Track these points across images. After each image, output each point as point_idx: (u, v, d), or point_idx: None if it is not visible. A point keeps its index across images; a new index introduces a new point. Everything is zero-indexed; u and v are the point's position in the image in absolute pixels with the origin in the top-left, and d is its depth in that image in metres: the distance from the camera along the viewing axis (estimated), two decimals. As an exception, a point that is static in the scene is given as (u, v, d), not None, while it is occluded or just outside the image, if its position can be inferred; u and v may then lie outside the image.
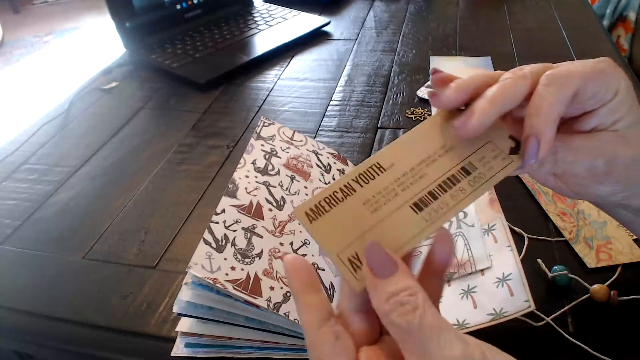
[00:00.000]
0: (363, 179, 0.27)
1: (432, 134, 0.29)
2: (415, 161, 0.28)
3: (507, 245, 0.39)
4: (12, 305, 0.45)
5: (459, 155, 0.28)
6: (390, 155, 0.28)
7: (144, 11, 0.89)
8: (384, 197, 0.26)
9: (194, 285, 0.35)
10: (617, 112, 0.29)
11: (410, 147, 0.28)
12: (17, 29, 3.43)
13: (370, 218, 0.26)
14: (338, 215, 0.26)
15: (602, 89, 0.29)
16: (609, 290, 0.40)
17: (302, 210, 0.25)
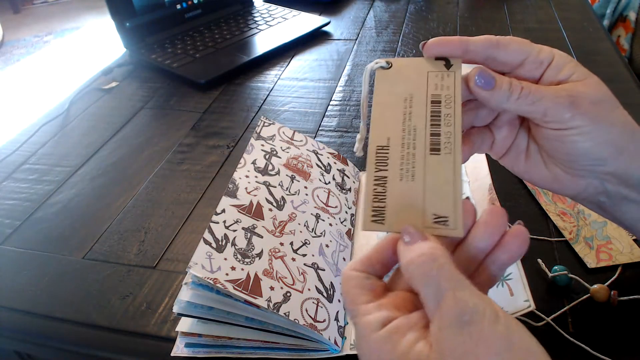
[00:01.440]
0: (382, 164, 0.30)
1: (391, 98, 0.32)
2: (400, 124, 0.31)
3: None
4: (12, 305, 0.45)
5: (421, 96, 0.32)
6: (379, 134, 0.31)
7: (144, 11, 0.89)
8: (408, 163, 0.30)
9: (194, 285, 0.35)
10: (562, 68, 0.32)
11: (386, 117, 0.32)
12: (17, 29, 3.44)
13: (416, 185, 0.30)
14: (394, 202, 0.29)
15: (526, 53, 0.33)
16: (609, 290, 0.40)
17: (366, 224, 0.29)
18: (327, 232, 0.45)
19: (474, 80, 0.32)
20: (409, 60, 0.33)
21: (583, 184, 0.34)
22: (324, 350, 0.37)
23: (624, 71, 0.74)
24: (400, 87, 0.32)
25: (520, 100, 0.31)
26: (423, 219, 0.29)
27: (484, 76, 0.32)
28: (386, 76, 0.32)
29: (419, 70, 0.32)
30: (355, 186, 0.53)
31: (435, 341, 0.23)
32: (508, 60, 0.33)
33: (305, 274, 0.40)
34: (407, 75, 0.32)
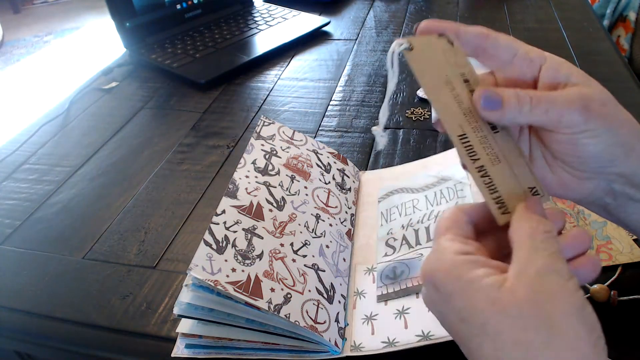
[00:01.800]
0: (472, 153, 0.31)
1: (434, 82, 0.32)
2: (458, 108, 0.32)
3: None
4: (12, 305, 0.45)
5: (454, 76, 0.32)
6: (451, 122, 0.31)
7: (144, 11, 0.89)
8: (488, 147, 0.32)
9: (195, 287, 0.35)
10: (559, 69, 0.33)
11: (445, 104, 0.31)
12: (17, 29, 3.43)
13: (503, 165, 0.32)
14: (503, 188, 0.31)
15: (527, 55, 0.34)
16: (609, 290, 0.40)
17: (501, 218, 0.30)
18: (327, 233, 0.45)
19: (480, 105, 0.31)
20: (423, 39, 0.32)
21: (590, 187, 0.34)
22: (324, 351, 0.37)
23: (624, 71, 0.74)
24: (434, 69, 0.32)
25: (533, 112, 0.31)
26: (526, 196, 0.31)
27: (489, 98, 0.31)
28: (415, 58, 0.31)
29: (436, 49, 0.32)
30: (355, 186, 0.53)
31: (511, 276, 0.24)
32: (496, 54, 0.33)
33: (305, 275, 0.40)
34: (430, 56, 0.32)
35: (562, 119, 0.31)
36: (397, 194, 0.51)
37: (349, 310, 0.40)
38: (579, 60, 0.78)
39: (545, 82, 0.33)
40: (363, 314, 0.40)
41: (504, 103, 0.31)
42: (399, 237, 0.45)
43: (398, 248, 0.44)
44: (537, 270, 0.24)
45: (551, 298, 0.23)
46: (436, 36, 0.32)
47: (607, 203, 0.35)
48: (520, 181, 0.32)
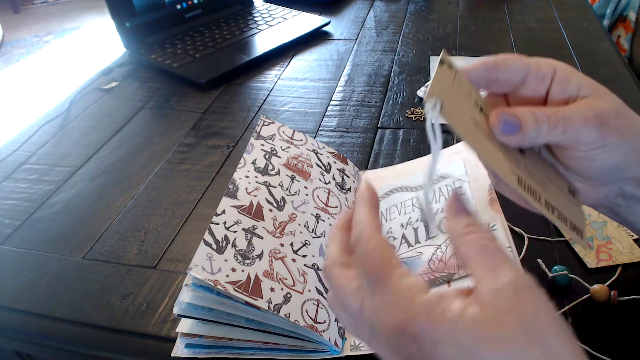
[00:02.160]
0: (532, 192, 0.30)
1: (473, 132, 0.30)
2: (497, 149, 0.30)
3: (506, 246, 0.39)
4: (12, 305, 0.45)
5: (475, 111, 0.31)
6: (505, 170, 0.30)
7: (144, 11, 0.89)
8: (534, 177, 0.31)
9: (195, 287, 0.35)
10: (569, 81, 0.32)
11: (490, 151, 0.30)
12: (17, 29, 3.43)
13: (552, 188, 0.32)
14: (568, 213, 0.31)
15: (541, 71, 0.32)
16: (609, 290, 0.40)
17: (584, 245, 0.31)
18: (327, 233, 0.45)
19: (499, 130, 0.30)
20: (439, 80, 0.29)
21: (603, 193, 0.34)
22: (324, 351, 0.37)
23: (624, 71, 0.74)
24: (462, 113, 0.29)
25: (551, 132, 0.30)
26: (575, 203, 0.32)
27: (507, 122, 0.30)
28: (449, 114, 0.28)
29: (450, 86, 0.30)
30: (355, 186, 0.53)
31: (489, 304, 0.22)
32: (510, 79, 0.32)
33: (305, 275, 0.40)
34: (452, 97, 0.29)
35: (580, 136, 0.30)
36: (396, 193, 0.51)
37: (348, 310, 0.40)
38: (579, 60, 0.78)
39: (556, 97, 0.32)
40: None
41: (523, 125, 0.30)
42: (398, 236, 0.45)
43: (397, 247, 0.44)
44: (506, 288, 0.22)
45: (534, 310, 0.22)
46: (439, 66, 0.30)
47: (617, 204, 0.35)
48: (563, 191, 0.32)
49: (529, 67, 0.32)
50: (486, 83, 0.33)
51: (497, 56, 0.32)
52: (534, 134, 0.30)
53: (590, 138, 0.30)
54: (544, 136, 0.30)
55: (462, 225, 0.25)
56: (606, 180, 0.33)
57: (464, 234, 0.25)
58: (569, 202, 0.32)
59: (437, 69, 0.29)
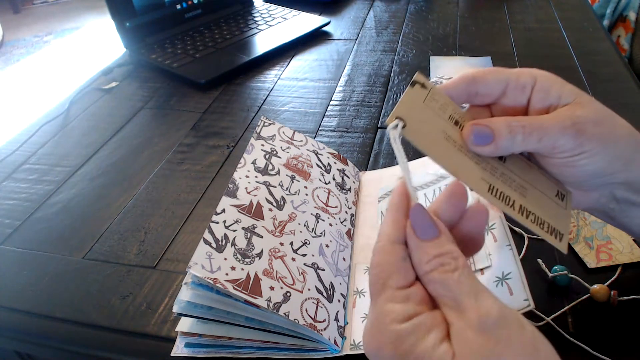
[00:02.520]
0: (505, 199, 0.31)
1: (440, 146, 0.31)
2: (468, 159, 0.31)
3: (506, 244, 0.39)
4: (12, 305, 0.45)
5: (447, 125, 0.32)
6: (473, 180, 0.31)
7: (144, 11, 0.89)
8: (511, 182, 0.32)
9: (194, 285, 0.35)
10: (549, 90, 0.32)
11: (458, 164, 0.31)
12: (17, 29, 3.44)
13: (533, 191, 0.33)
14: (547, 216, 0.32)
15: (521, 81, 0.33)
16: (609, 290, 0.40)
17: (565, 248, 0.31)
18: (327, 232, 0.45)
19: (470, 141, 0.31)
20: (406, 104, 0.30)
21: (594, 197, 0.34)
22: (323, 350, 0.37)
23: (624, 71, 0.74)
24: (432, 132, 0.30)
25: (526, 141, 0.31)
26: (561, 207, 0.32)
27: (479, 133, 0.31)
28: (413, 133, 0.29)
29: (420, 106, 0.31)
30: (355, 186, 0.53)
31: (457, 344, 0.22)
32: (490, 92, 0.33)
33: (305, 274, 0.40)
34: (421, 118, 0.30)
35: (556, 144, 0.31)
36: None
37: (348, 309, 0.40)
38: (579, 60, 0.78)
39: (537, 106, 0.33)
40: (363, 313, 0.40)
41: (495, 135, 0.30)
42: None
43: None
44: (474, 327, 0.22)
45: (501, 352, 0.21)
46: (410, 88, 0.31)
47: (610, 209, 0.35)
48: (548, 196, 0.32)
49: (508, 79, 0.33)
50: (467, 97, 0.33)
51: (475, 71, 0.33)
52: (507, 144, 0.31)
53: (567, 146, 0.31)
54: (519, 145, 0.31)
55: (427, 259, 0.24)
56: (593, 185, 0.33)
57: (427, 271, 0.24)
58: (552, 206, 0.32)
59: (406, 91, 0.31)
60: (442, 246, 0.25)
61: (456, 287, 0.23)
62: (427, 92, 0.31)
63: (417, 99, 0.31)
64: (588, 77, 0.72)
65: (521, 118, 0.31)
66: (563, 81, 0.33)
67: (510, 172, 0.32)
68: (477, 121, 0.32)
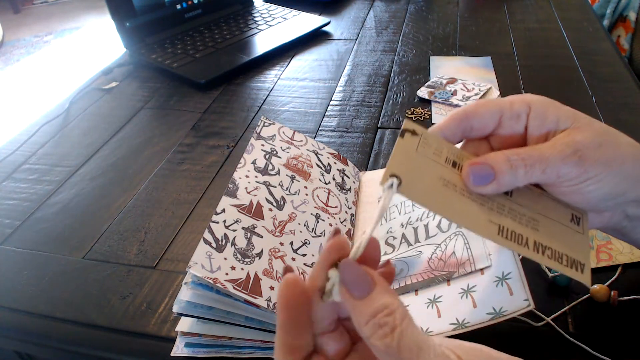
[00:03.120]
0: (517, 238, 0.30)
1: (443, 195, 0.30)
2: (474, 204, 0.30)
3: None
4: (12, 305, 0.45)
5: (444, 170, 0.31)
6: (482, 226, 0.29)
7: (144, 11, 0.89)
8: (521, 217, 0.31)
9: (194, 285, 0.35)
10: (545, 116, 0.32)
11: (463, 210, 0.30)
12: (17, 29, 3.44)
13: (546, 221, 0.31)
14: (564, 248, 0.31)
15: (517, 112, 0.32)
16: (609, 290, 0.40)
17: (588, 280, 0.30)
18: (327, 232, 0.45)
19: (470, 183, 0.30)
20: (398, 158, 0.29)
21: (607, 217, 0.34)
22: (324, 350, 0.37)
23: (624, 71, 0.74)
24: (429, 183, 0.29)
25: (529, 174, 0.30)
26: (577, 232, 0.31)
27: (479, 173, 0.30)
28: (410, 189, 0.28)
29: (413, 157, 0.30)
30: (355, 186, 0.53)
31: None
32: (484, 125, 0.32)
33: (305, 274, 0.40)
34: (417, 171, 0.29)
35: (560, 173, 0.30)
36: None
37: (348, 309, 0.40)
38: (579, 60, 0.78)
39: (535, 133, 0.32)
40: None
41: (496, 173, 0.30)
42: (398, 236, 0.45)
43: (397, 246, 0.44)
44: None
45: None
46: (400, 138, 0.30)
47: (622, 226, 0.35)
48: (563, 223, 0.31)
49: (502, 109, 0.32)
50: (462, 134, 0.33)
51: (466, 106, 0.33)
52: (510, 180, 0.30)
53: (571, 174, 0.30)
54: (522, 178, 0.30)
55: (364, 321, 0.22)
56: (604, 207, 0.33)
57: (367, 336, 0.22)
58: (568, 233, 0.31)
59: (397, 142, 0.29)
60: (378, 301, 0.22)
61: (397, 354, 0.21)
62: (419, 139, 0.30)
63: (410, 149, 0.30)
64: (588, 77, 0.72)
65: (520, 151, 0.30)
66: (558, 104, 0.32)
67: (519, 206, 0.31)
68: (474, 160, 0.31)
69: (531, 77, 0.75)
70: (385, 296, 0.22)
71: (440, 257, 0.41)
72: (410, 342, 0.21)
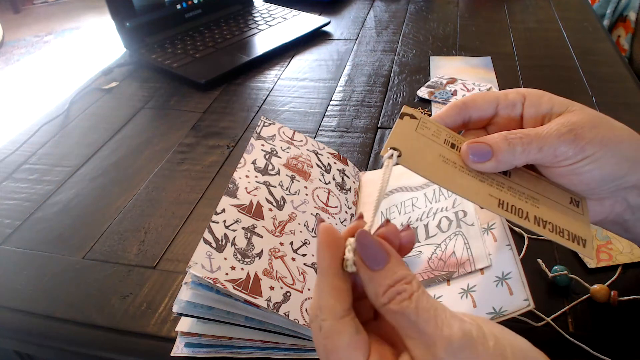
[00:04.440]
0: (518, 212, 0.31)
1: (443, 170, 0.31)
2: (473, 179, 0.32)
3: (506, 244, 0.39)
4: (12, 305, 0.45)
5: (443, 149, 0.32)
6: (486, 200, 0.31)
7: (144, 11, 0.89)
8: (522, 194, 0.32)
9: (194, 285, 0.35)
10: (540, 103, 0.33)
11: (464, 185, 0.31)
12: (17, 29, 3.44)
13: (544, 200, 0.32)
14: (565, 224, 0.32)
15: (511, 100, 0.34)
16: (609, 290, 0.40)
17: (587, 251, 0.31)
18: (327, 232, 0.45)
19: (469, 159, 0.31)
20: (398, 134, 0.30)
21: (609, 205, 0.34)
22: (323, 350, 0.37)
23: (624, 71, 0.74)
24: (427, 155, 0.31)
25: (526, 151, 0.31)
26: (577, 212, 0.32)
27: (477, 150, 0.31)
28: (411, 162, 0.29)
29: (413, 136, 0.31)
30: (355, 186, 0.53)
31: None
32: (482, 115, 0.34)
33: (305, 273, 0.40)
34: (417, 147, 0.30)
35: (556, 152, 0.31)
36: (397, 193, 0.51)
37: (348, 309, 0.40)
38: (579, 60, 0.78)
39: (530, 119, 0.33)
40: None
41: (494, 150, 0.31)
42: (398, 237, 0.45)
43: (398, 247, 0.44)
44: (442, 355, 0.21)
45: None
46: (400, 120, 0.31)
47: (625, 219, 0.35)
48: (562, 204, 0.32)
49: (498, 98, 0.34)
50: (462, 123, 0.34)
51: (464, 97, 0.34)
52: (508, 157, 0.31)
53: (568, 152, 0.31)
54: (520, 156, 0.31)
55: (382, 290, 0.23)
56: (605, 191, 0.33)
57: (385, 303, 0.23)
58: (569, 213, 0.32)
59: (396, 123, 0.31)
60: (395, 272, 0.23)
61: (415, 316, 0.22)
62: (418, 122, 0.32)
63: (409, 129, 0.31)
64: (588, 77, 0.72)
65: (517, 131, 0.32)
66: (552, 95, 0.33)
67: (518, 186, 0.32)
68: (473, 139, 0.32)
69: (531, 77, 0.75)
70: (401, 268, 0.23)
71: (440, 257, 0.41)
72: (427, 304, 0.22)
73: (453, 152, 0.32)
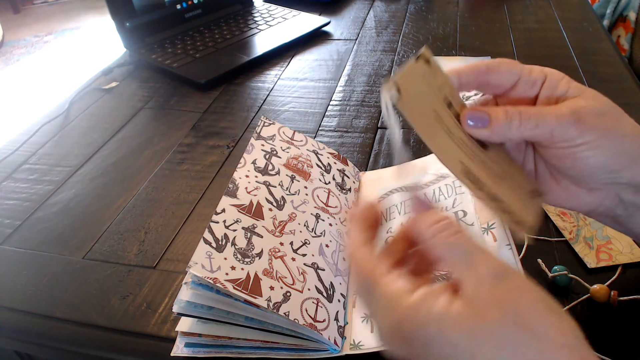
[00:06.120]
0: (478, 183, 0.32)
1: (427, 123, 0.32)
2: (452, 142, 0.33)
3: (506, 244, 0.39)
4: (12, 305, 0.45)
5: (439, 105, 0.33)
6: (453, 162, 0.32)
7: (144, 11, 0.89)
8: (487, 169, 0.33)
9: (194, 285, 0.35)
10: (557, 86, 0.33)
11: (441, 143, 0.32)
12: (17, 29, 3.44)
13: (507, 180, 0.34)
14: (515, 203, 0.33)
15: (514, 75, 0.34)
16: (609, 290, 0.40)
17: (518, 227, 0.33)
18: (327, 232, 0.45)
19: (466, 124, 0.32)
20: (406, 73, 0.31)
21: (599, 198, 0.34)
22: (323, 350, 0.37)
23: (624, 71, 0.74)
24: (423, 108, 0.31)
25: (523, 127, 0.31)
26: (533, 202, 0.33)
27: (475, 117, 0.32)
28: (405, 104, 0.30)
29: (418, 80, 0.32)
30: (355, 186, 0.53)
31: (472, 297, 0.23)
32: (500, 83, 0.34)
33: (305, 273, 0.40)
34: (417, 91, 0.31)
35: (554, 132, 0.31)
36: (396, 193, 0.51)
37: (348, 308, 0.40)
38: (579, 60, 0.78)
39: (543, 99, 0.33)
40: (363, 313, 0.40)
41: (492, 119, 0.31)
42: (398, 237, 0.45)
43: (398, 247, 0.44)
44: (486, 280, 0.23)
45: (515, 298, 0.23)
46: (414, 60, 0.31)
47: (617, 214, 0.35)
48: (523, 188, 0.33)
49: (521, 73, 0.33)
50: (477, 86, 0.34)
51: (489, 61, 0.33)
52: (504, 128, 0.31)
53: (566, 135, 0.31)
54: (516, 131, 0.31)
55: (427, 226, 0.26)
56: (597, 182, 0.33)
57: (431, 236, 0.26)
58: (524, 198, 0.33)
59: (410, 63, 0.31)
60: (439, 214, 0.27)
61: (464, 246, 0.25)
62: (430, 69, 0.32)
63: (418, 73, 0.32)
64: (588, 77, 0.72)
65: (520, 106, 0.32)
66: (570, 79, 0.33)
67: (490, 162, 0.33)
68: (475, 107, 0.33)
69: (531, 77, 0.75)
70: (446, 215, 0.27)
71: (440, 257, 0.41)
72: (474, 242, 0.25)
73: (445, 111, 0.32)
